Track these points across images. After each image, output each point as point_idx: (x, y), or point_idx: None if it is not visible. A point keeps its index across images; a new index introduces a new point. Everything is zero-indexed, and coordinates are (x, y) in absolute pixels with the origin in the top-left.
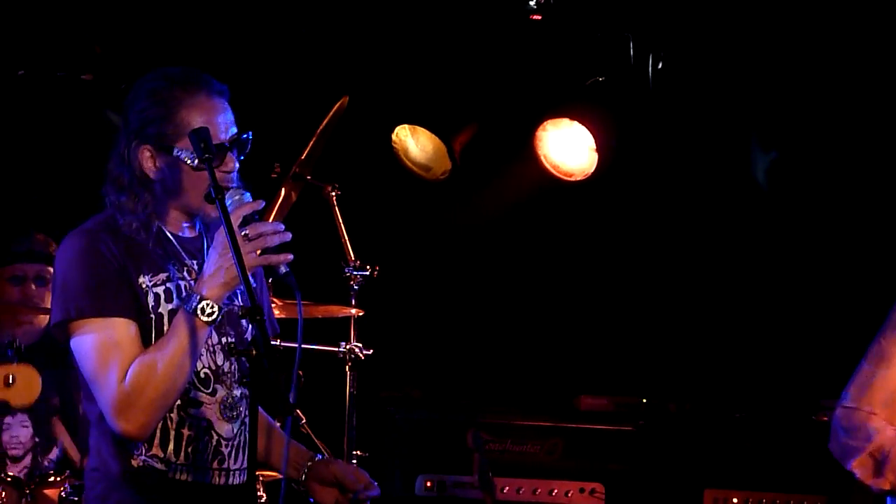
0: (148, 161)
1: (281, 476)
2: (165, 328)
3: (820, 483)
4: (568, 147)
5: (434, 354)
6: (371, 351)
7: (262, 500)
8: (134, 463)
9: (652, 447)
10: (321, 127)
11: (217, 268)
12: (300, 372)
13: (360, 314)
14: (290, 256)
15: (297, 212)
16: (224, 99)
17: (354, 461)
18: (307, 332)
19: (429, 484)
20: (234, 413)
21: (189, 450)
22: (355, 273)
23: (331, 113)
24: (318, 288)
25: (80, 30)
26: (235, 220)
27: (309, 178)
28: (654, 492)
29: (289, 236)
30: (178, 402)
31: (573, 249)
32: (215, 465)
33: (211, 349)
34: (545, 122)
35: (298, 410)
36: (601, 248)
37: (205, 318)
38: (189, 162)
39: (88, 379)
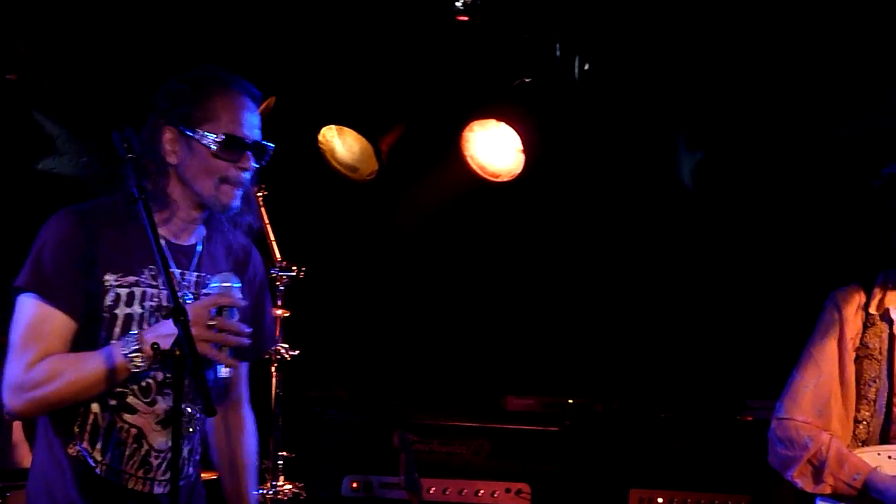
0: (168, 143)
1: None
2: (116, 331)
3: (745, 482)
4: (495, 148)
5: (361, 355)
6: (298, 352)
7: None
8: (71, 451)
9: (578, 447)
10: None
11: (171, 333)
12: None
13: (287, 315)
14: (237, 365)
15: None
16: (256, 104)
17: (280, 462)
18: None
19: (355, 485)
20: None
21: (115, 452)
22: (281, 274)
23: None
24: None
25: (4, 30)
26: (213, 303)
27: None
28: (581, 492)
29: (246, 342)
30: (113, 403)
31: (500, 250)
32: (140, 472)
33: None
34: (472, 123)
35: None
36: (528, 249)
37: (130, 366)
38: (210, 147)
39: (9, 343)
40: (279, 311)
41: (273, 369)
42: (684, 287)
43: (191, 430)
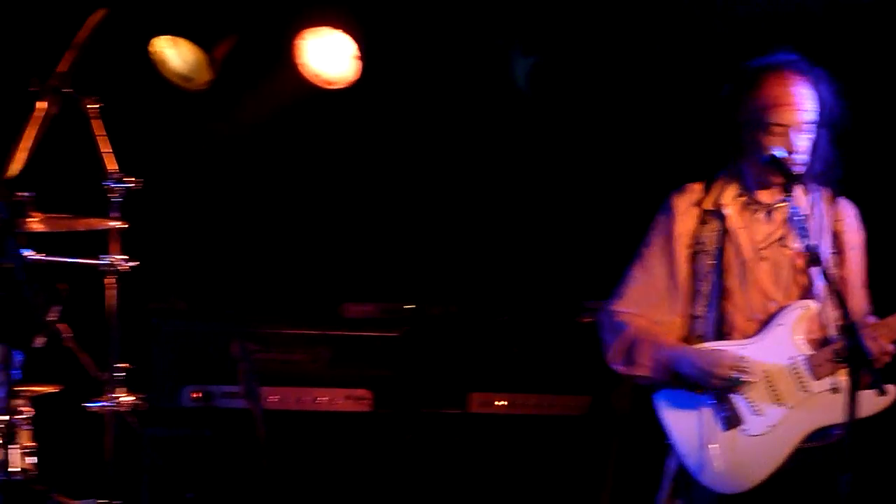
0: None
1: None
2: None
3: (584, 384)
4: (329, 55)
5: (199, 266)
6: (136, 263)
7: (28, 415)
8: None
9: (417, 352)
10: (79, 38)
11: None
12: (62, 286)
13: (124, 226)
14: None
15: (57, 125)
16: None
17: (120, 374)
18: (69, 245)
19: (195, 395)
20: None
21: None
22: (116, 185)
23: (88, 24)
24: (78, 201)
25: None
26: None
27: (68, 90)
28: (421, 397)
29: None
30: None
31: (336, 157)
32: None
33: None
34: (304, 31)
35: (62, 325)
36: (364, 156)
37: None
38: None
39: None
40: (114, 223)
41: (110, 281)
42: (523, 189)
43: None
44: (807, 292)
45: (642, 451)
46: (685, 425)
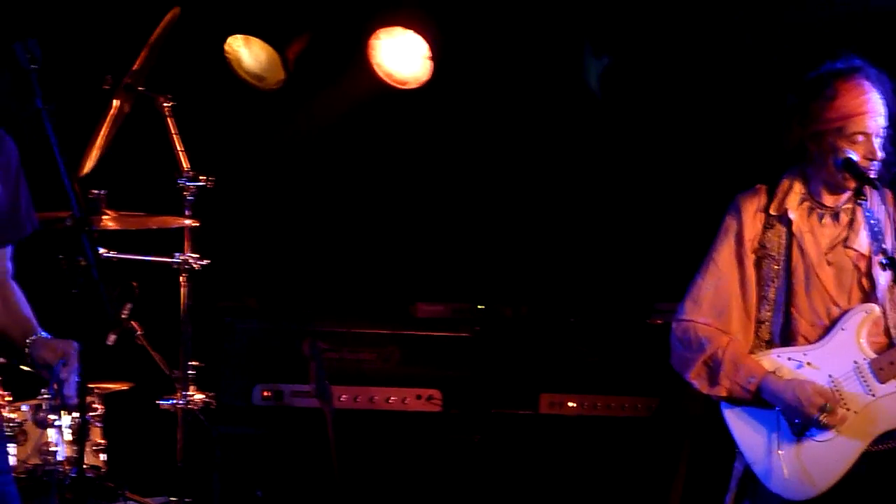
0: None
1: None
2: None
3: (653, 386)
4: (401, 55)
5: (271, 264)
6: (208, 261)
7: (99, 412)
8: None
9: (488, 353)
10: (153, 38)
11: None
12: (135, 283)
13: (196, 225)
14: None
15: (131, 124)
16: None
17: (191, 372)
18: (142, 243)
19: (266, 393)
20: None
21: None
22: (189, 184)
23: (163, 23)
24: (152, 199)
25: None
26: None
27: (141, 89)
28: (491, 397)
29: None
30: None
31: (409, 157)
32: None
33: None
34: (378, 31)
35: (134, 322)
36: (437, 155)
37: None
38: None
39: None
40: (187, 221)
41: (183, 279)
42: (594, 190)
43: None
44: (868, 295)
45: (711, 453)
46: (752, 432)
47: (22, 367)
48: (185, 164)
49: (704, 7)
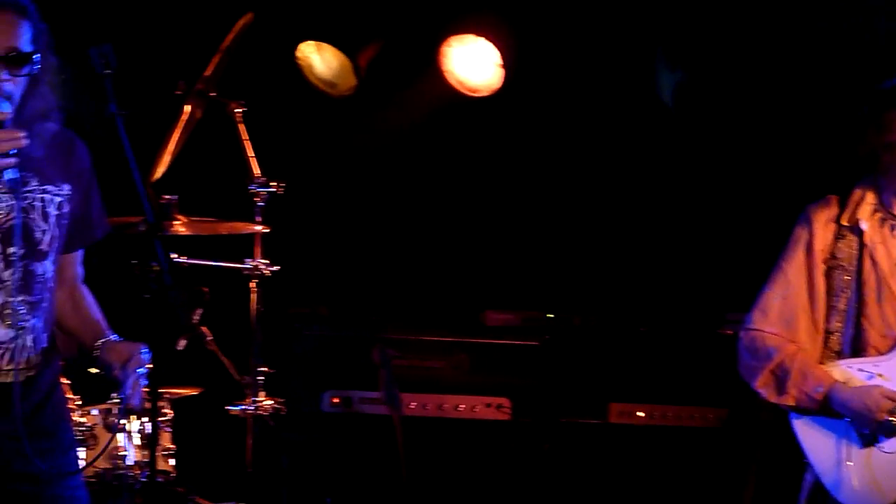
0: None
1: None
2: None
3: (723, 396)
4: (473, 62)
5: (340, 271)
6: (278, 267)
7: (169, 417)
8: None
9: (558, 361)
10: (225, 44)
11: None
12: (205, 289)
13: (266, 231)
14: (12, 161)
15: (203, 129)
16: (14, 13)
17: (261, 378)
18: (212, 248)
19: (335, 400)
20: (13, 320)
21: None
22: (260, 190)
23: (235, 29)
24: (223, 205)
25: None
26: None
27: (213, 95)
28: (560, 406)
29: (23, 142)
30: None
31: (479, 164)
32: None
33: None
34: (450, 38)
35: (204, 327)
36: (507, 163)
37: None
38: None
39: None
40: (258, 227)
41: (253, 285)
42: (664, 200)
43: (23, 322)
44: None
45: (781, 464)
46: (822, 444)
47: (91, 370)
48: (256, 170)
49: (780, 16)
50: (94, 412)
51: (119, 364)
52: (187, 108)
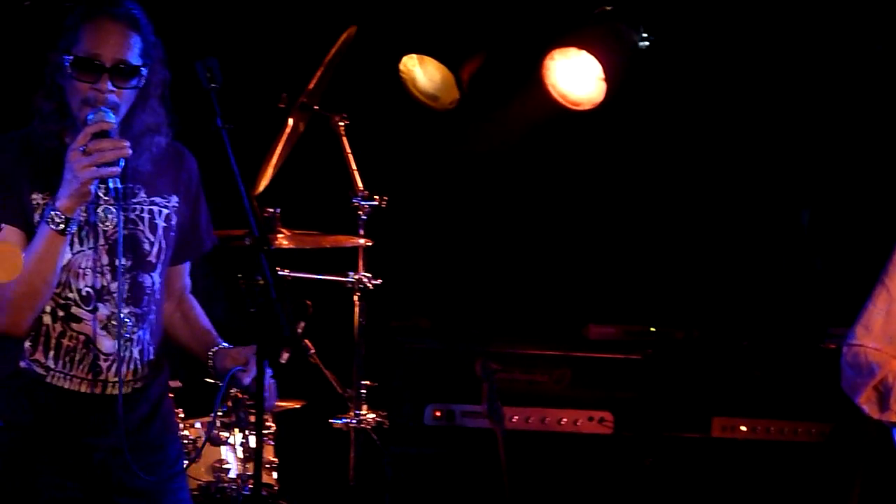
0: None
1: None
2: None
3: (826, 411)
4: (576, 76)
5: (443, 284)
6: (380, 281)
7: (272, 430)
8: (22, 364)
9: (660, 375)
10: (328, 57)
11: (68, 181)
12: (308, 302)
13: (369, 244)
14: (117, 170)
15: (305, 142)
16: (123, 23)
17: (364, 391)
18: (315, 261)
19: (438, 413)
20: (119, 331)
21: (67, 359)
22: (363, 203)
23: (338, 43)
24: (326, 218)
25: None
26: (85, 138)
27: (316, 108)
28: (663, 420)
29: (128, 152)
30: (62, 315)
31: (582, 178)
32: (90, 375)
33: (99, 269)
34: (553, 52)
35: (307, 341)
36: (610, 177)
37: (53, 227)
38: (68, 69)
39: None
40: (361, 241)
41: (356, 299)
42: (770, 214)
43: (129, 334)
44: None
45: (885, 480)
46: None
47: (207, 380)
48: (359, 184)
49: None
50: (198, 425)
51: (241, 367)
52: (290, 122)
